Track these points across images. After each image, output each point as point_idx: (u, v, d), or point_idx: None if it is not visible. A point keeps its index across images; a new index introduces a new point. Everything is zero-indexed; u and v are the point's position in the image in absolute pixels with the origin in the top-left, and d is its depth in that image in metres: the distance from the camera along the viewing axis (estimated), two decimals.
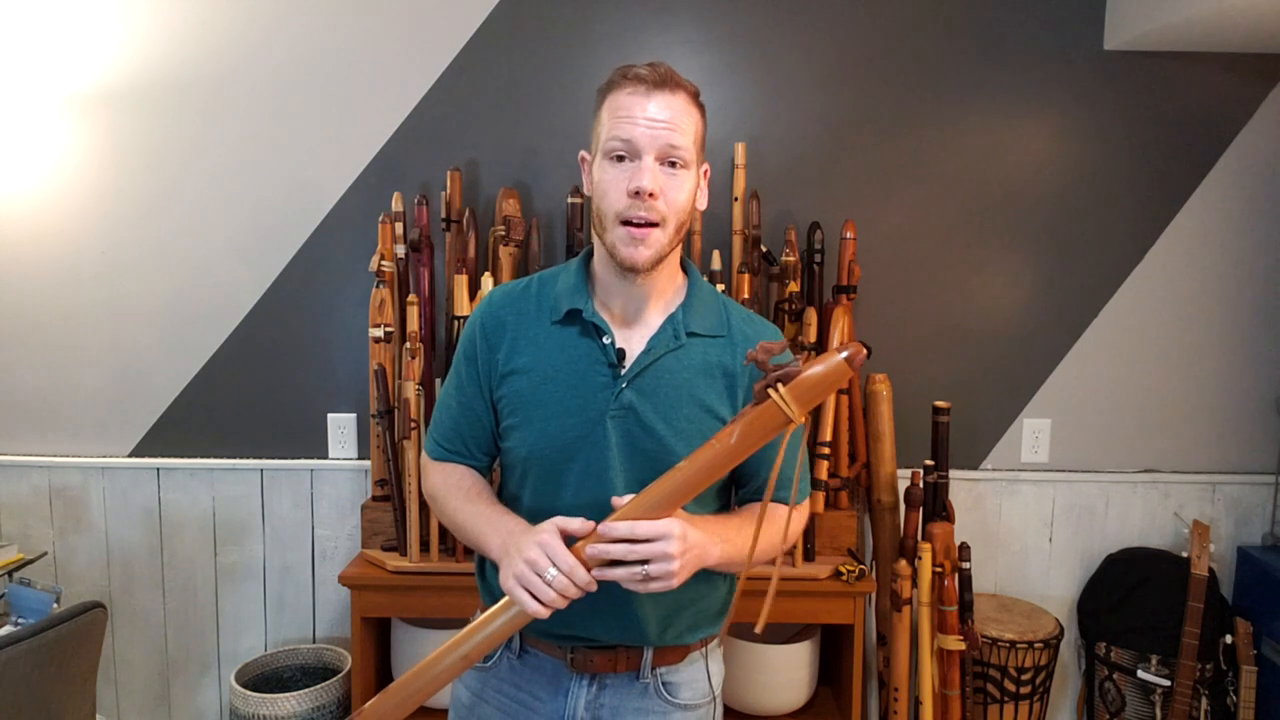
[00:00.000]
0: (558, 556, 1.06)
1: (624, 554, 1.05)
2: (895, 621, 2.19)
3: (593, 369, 1.21)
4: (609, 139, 1.17)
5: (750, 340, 1.26)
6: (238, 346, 2.48)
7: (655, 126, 1.15)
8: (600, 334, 1.21)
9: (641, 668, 1.26)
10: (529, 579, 1.06)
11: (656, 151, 1.15)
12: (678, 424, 1.20)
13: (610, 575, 1.07)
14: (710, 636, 1.32)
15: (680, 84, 1.19)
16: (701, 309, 1.26)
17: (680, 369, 1.22)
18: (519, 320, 1.25)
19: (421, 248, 2.30)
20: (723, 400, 1.23)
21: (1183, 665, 2.26)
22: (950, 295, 2.47)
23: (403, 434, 2.17)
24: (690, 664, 1.30)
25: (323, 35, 2.39)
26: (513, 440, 1.25)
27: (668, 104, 1.16)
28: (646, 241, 1.16)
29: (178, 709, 2.60)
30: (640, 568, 1.05)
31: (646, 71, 1.17)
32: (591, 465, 1.19)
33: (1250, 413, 2.51)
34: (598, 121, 1.21)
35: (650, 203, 1.15)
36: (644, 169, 1.15)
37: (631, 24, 2.39)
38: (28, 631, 1.67)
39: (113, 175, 2.43)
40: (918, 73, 2.40)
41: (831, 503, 2.26)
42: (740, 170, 2.29)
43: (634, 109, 1.16)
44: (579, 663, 1.25)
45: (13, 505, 2.53)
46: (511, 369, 1.23)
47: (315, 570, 2.54)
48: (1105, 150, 2.43)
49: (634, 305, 1.24)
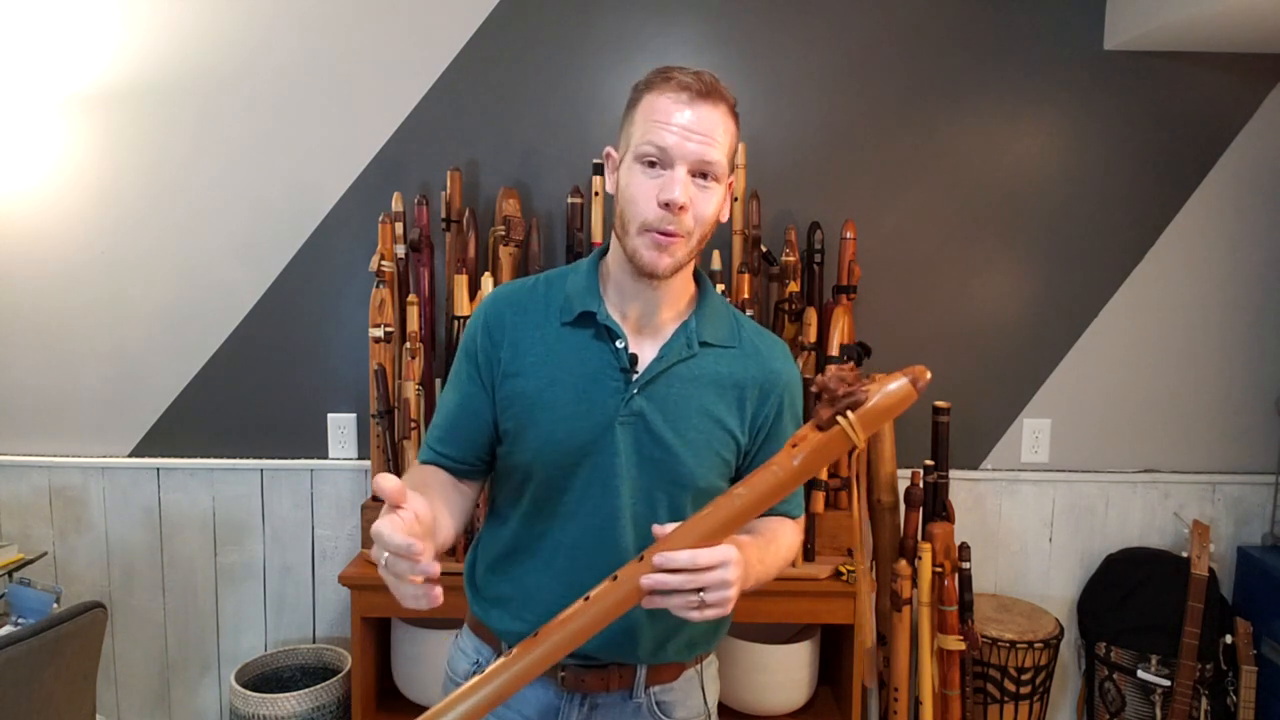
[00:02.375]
0: (377, 536, 0.95)
1: (683, 583, 0.98)
2: (895, 621, 2.19)
3: (604, 373, 1.17)
4: (643, 142, 1.12)
5: (759, 354, 1.24)
6: (238, 346, 2.48)
7: (692, 138, 1.10)
8: (613, 338, 1.18)
9: (635, 686, 1.22)
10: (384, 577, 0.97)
11: (690, 163, 1.11)
12: (686, 434, 1.17)
13: (664, 603, 1.00)
14: (705, 653, 1.30)
15: (723, 96, 1.14)
16: (714, 319, 1.23)
17: (692, 378, 1.19)
18: (524, 319, 1.21)
19: (421, 248, 2.30)
20: (731, 412, 1.20)
21: (1183, 665, 2.26)
22: (950, 295, 2.47)
23: (403, 434, 2.17)
24: (685, 681, 1.27)
25: (323, 35, 2.39)
26: (515, 444, 1.20)
27: (708, 115, 1.12)
28: (670, 250, 1.12)
29: (178, 709, 2.60)
30: (695, 596, 0.99)
31: (692, 80, 1.12)
32: (598, 471, 1.16)
33: (1250, 413, 2.51)
34: (630, 120, 1.16)
35: (679, 216, 1.11)
36: (676, 180, 1.10)
37: (631, 24, 2.39)
38: (28, 631, 1.66)
39: (113, 175, 2.43)
40: (918, 73, 2.40)
41: (831, 503, 2.26)
42: (740, 170, 2.29)
43: (672, 116, 1.11)
44: (570, 682, 1.21)
45: (13, 505, 2.53)
46: (515, 369, 1.19)
47: (315, 570, 2.54)
48: (1105, 150, 2.43)
49: (648, 311, 1.20)
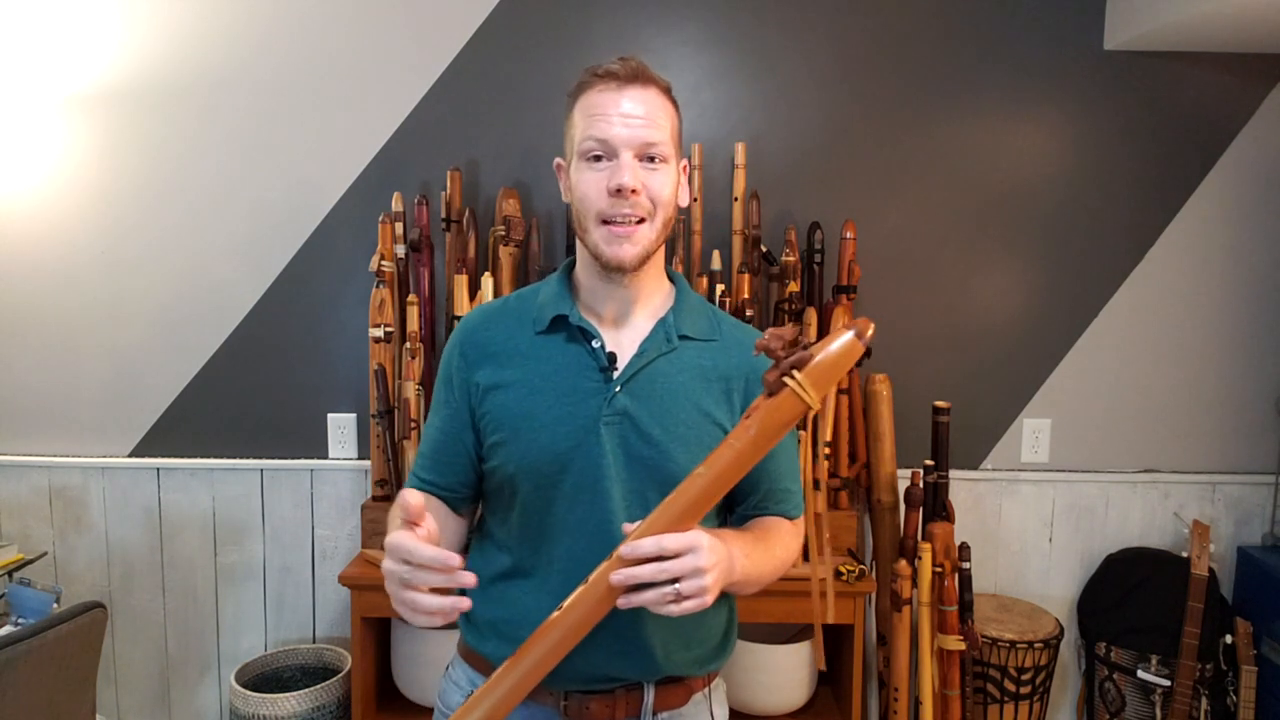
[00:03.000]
0: (401, 549, 0.94)
1: (653, 574, 0.95)
2: (895, 621, 2.19)
3: (582, 375, 1.15)
4: (584, 140, 1.12)
5: (742, 345, 1.22)
6: (238, 346, 2.48)
7: (631, 123, 1.11)
8: (588, 338, 1.17)
9: (642, 713, 1.17)
10: (396, 593, 0.96)
11: (634, 148, 1.11)
12: (675, 429, 1.14)
13: (639, 600, 0.97)
14: (714, 672, 1.25)
15: (652, 78, 1.15)
16: (691, 313, 1.22)
17: (675, 372, 1.17)
18: (498, 335, 1.20)
19: (421, 248, 2.30)
20: (720, 405, 1.18)
21: (1183, 665, 2.26)
22: (950, 295, 2.47)
23: (403, 434, 2.17)
24: (694, 705, 1.21)
25: (322, 35, 2.39)
26: (499, 458, 1.17)
27: (641, 99, 1.12)
28: (633, 238, 1.13)
29: (178, 709, 2.60)
30: (670, 587, 0.96)
31: (618, 67, 1.12)
32: (586, 476, 1.13)
33: (1250, 413, 2.51)
34: (570, 124, 1.16)
35: (634, 199, 1.11)
36: (623, 166, 1.11)
37: (631, 24, 2.39)
38: (28, 631, 1.66)
39: (113, 175, 2.43)
40: (918, 73, 2.40)
41: (831, 503, 2.26)
42: (740, 170, 2.29)
43: (607, 107, 1.11)
44: (573, 711, 1.16)
45: (13, 505, 2.53)
46: (494, 383, 1.18)
47: (315, 570, 2.54)
48: (1105, 150, 2.43)
49: (622, 309, 1.20)
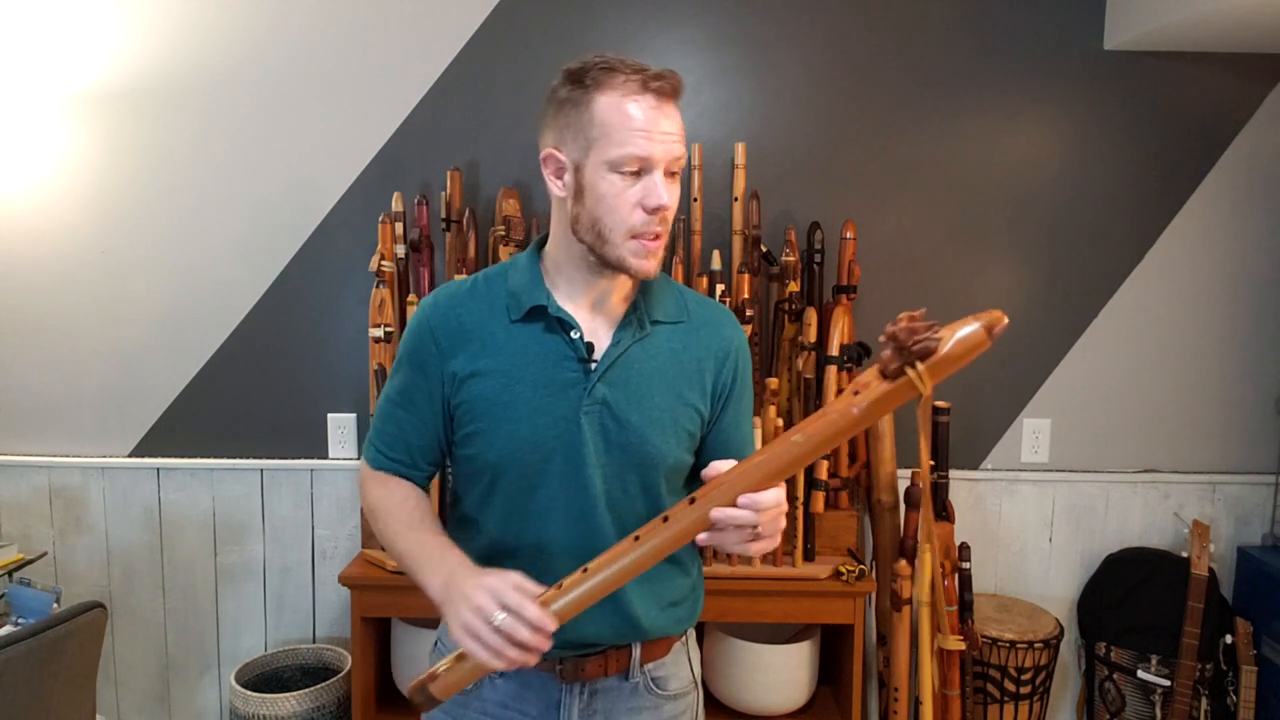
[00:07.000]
0: (504, 597, 1.00)
1: (750, 520, 1.00)
2: (895, 621, 2.18)
3: (561, 365, 1.17)
4: (623, 154, 1.09)
5: (709, 324, 1.26)
6: (238, 346, 2.48)
7: (668, 141, 1.11)
8: (567, 329, 1.18)
9: (631, 667, 1.25)
10: (476, 627, 1.00)
11: (666, 165, 1.11)
12: (651, 414, 1.18)
13: (719, 539, 1.03)
14: (689, 624, 1.34)
15: (681, 92, 1.14)
16: (660, 296, 1.24)
17: (648, 358, 1.20)
18: (473, 321, 1.20)
19: (421, 248, 2.30)
20: (693, 386, 1.22)
21: (1183, 665, 2.26)
22: (950, 295, 2.46)
23: None
24: (675, 654, 1.31)
25: (322, 35, 2.39)
26: (477, 447, 1.19)
27: (674, 114, 1.12)
28: (658, 252, 1.15)
29: (178, 709, 2.60)
30: (751, 530, 1.01)
31: (664, 83, 1.10)
32: (569, 465, 1.17)
33: (1250, 413, 2.51)
34: (588, 120, 1.10)
35: (665, 215, 1.13)
36: (660, 185, 1.11)
37: (631, 24, 2.39)
38: (28, 631, 1.66)
39: (113, 175, 2.43)
40: (918, 73, 2.40)
41: (831, 503, 2.26)
42: (740, 170, 2.29)
43: (649, 123, 1.09)
44: (568, 672, 1.22)
45: (13, 505, 2.53)
46: (471, 372, 1.18)
47: (315, 570, 2.54)
48: (1105, 150, 2.43)
49: (602, 299, 1.21)
